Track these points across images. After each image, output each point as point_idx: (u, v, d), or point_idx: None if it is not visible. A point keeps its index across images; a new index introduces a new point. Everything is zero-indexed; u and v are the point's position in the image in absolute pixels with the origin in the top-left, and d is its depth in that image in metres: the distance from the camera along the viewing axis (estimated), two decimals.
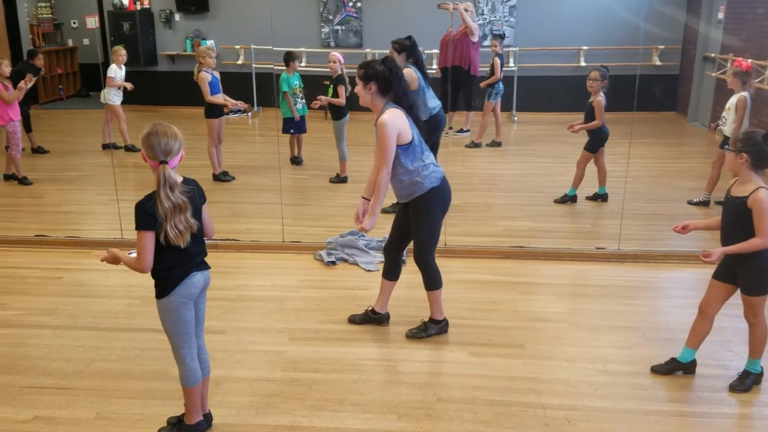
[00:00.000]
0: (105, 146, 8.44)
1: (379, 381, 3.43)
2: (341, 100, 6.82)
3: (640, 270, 4.85)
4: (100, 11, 11.32)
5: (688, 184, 6.81)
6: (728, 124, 5.74)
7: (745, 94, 5.65)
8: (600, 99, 5.96)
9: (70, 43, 12.42)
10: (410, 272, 3.79)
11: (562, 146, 8.25)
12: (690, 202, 6.19)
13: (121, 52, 8.25)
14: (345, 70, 6.96)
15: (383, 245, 5.00)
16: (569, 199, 6.30)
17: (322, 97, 6.86)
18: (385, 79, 3.51)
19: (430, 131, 5.74)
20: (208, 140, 6.96)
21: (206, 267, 2.84)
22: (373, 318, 3.98)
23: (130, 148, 8.37)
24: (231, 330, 3.92)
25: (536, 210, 6.14)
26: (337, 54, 6.94)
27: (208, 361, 2.98)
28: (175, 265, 2.69)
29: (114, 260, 2.74)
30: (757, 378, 3.33)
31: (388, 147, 3.48)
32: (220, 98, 6.81)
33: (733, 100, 5.74)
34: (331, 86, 6.95)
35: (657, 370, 3.45)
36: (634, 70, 9.22)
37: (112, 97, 8.18)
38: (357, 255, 4.99)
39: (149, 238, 2.59)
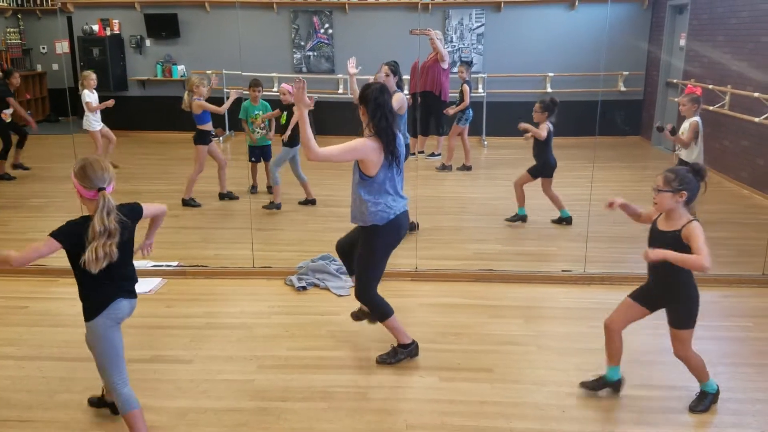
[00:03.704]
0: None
1: (349, 408, 3.42)
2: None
3: (606, 292, 4.92)
4: (70, 37, 11.28)
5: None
6: (684, 149, 5.89)
7: (697, 119, 5.80)
8: (543, 129, 6.20)
9: (39, 68, 12.31)
10: None
11: None
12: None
13: (92, 76, 8.23)
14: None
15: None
16: (519, 218, 6.46)
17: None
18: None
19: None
20: (195, 166, 6.97)
21: (134, 296, 2.88)
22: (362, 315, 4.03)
23: None
24: (198, 359, 3.88)
25: (505, 233, 6.22)
26: (287, 86, 6.85)
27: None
28: (97, 290, 2.76)
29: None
30: (714, 397, 3.41)
31: (342, 151, 3.43)
32: (209, 125, 6.94)
33: (685, 125, 5.89)
34: (285, 114, 6.96)
35: (586, 385, 3.52)
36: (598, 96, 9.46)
37: (92, 123, 8.14)
38: (328, 280, 4.99)
39: (51, 246, 2.67)
